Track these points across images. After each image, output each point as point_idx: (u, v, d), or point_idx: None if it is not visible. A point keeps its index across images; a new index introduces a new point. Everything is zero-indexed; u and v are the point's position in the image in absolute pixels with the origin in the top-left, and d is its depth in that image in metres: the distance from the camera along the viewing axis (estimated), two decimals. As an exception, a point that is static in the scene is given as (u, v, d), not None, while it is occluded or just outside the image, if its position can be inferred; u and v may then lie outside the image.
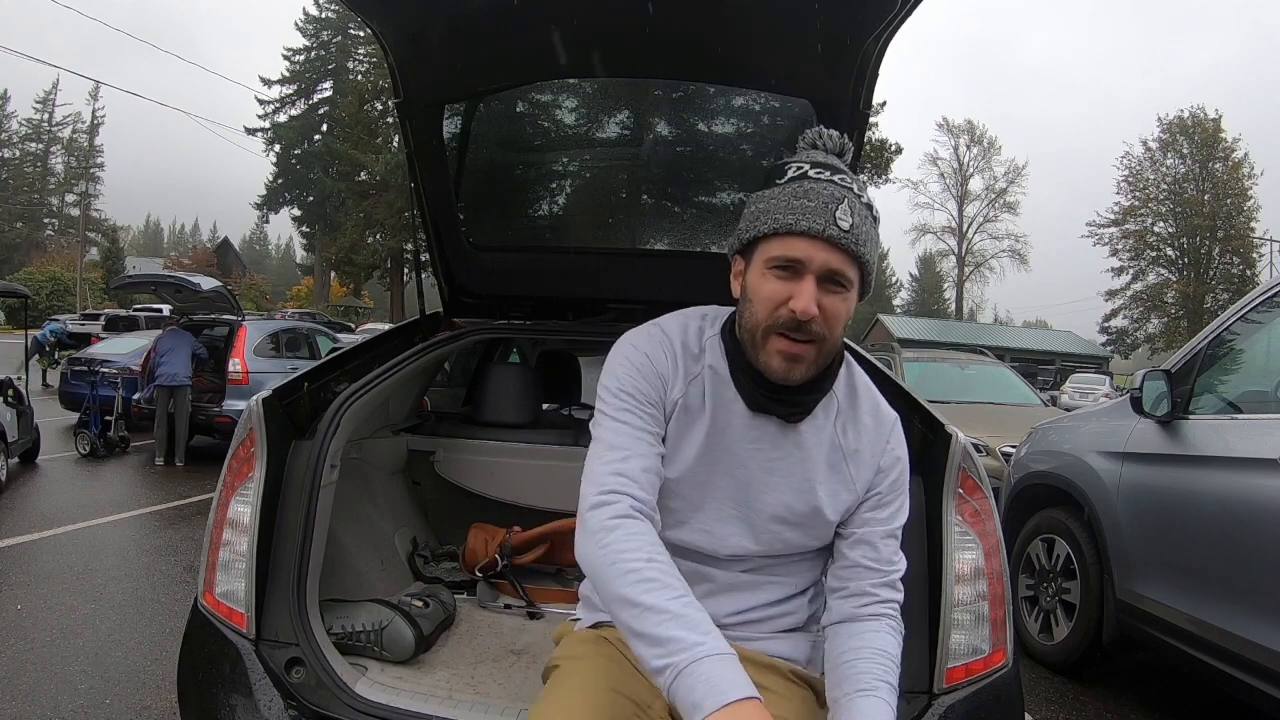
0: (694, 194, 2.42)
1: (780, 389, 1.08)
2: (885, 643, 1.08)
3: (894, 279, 65.10)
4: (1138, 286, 41.03)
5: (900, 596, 1.14)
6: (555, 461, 2.33)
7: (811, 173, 1.06)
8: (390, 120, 32.66)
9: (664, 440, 1.11)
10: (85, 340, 13.46)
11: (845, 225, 1.02)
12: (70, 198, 48.51)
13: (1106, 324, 42.32)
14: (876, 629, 1.09)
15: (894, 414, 1.20)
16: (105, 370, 8.00)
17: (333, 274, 43.00)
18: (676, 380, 1.13)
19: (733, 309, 1.16)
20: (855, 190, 1.06)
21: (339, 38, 42.51)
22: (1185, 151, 39.91)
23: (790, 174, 1.07)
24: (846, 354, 1.18)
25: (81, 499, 5.53)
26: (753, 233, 1.07)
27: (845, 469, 1.14)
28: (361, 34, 39.07)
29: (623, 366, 1.13)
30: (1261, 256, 38.29)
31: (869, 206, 1.07)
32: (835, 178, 1.05)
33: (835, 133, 1.11)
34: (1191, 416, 2.66)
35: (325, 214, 40.80)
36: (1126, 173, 41.44)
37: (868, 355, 1.94)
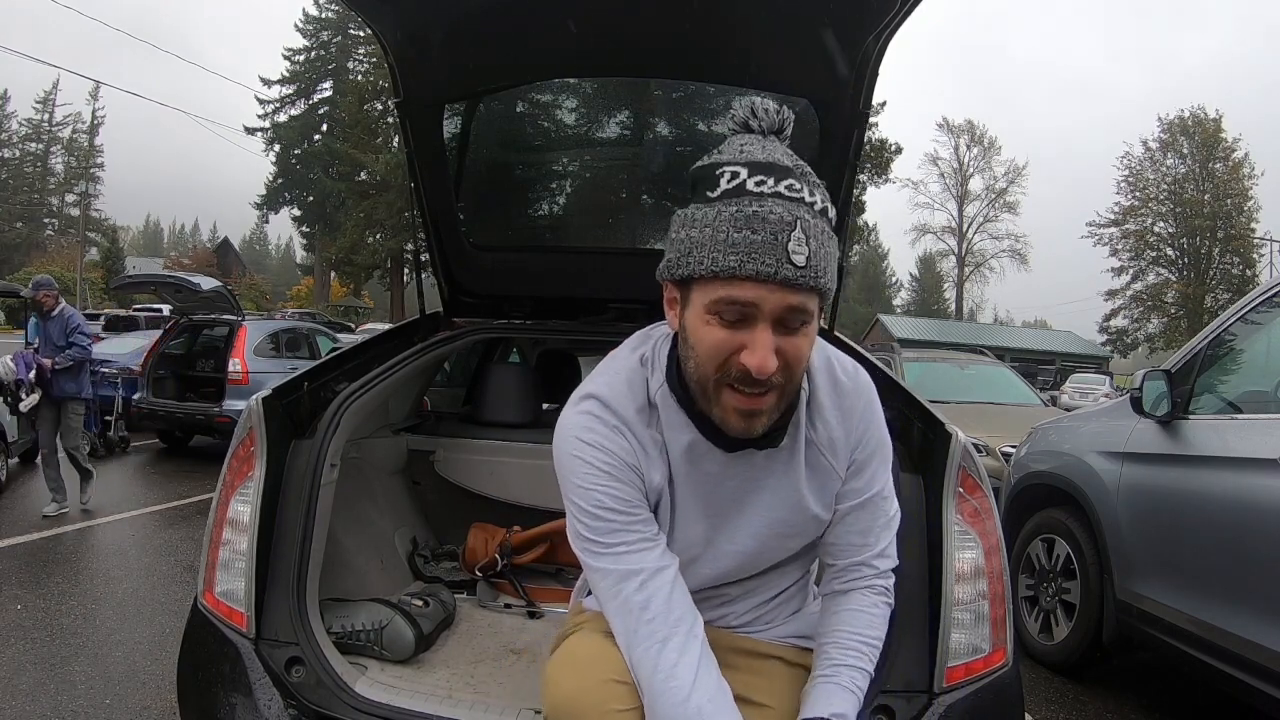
0: (694, 194, 2.42)
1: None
2: (860, 621, 1.09)
3: (894, 279, 65.15)
4: (1138, 286, 41.04)
5: (888, 562, 1.12)
6: (555, 461, 2.33)
7: (751, 183, 0.86)
8: (390, 120, 32.67)
9: (656, 514, 1.03)
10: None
11: (800, 260, 0.85)
12: (70, 198, 48.50)
13: (1106, 324, 42.33)
14: (856, 606, 1.10)
15: (850, 372, 1.08)
16: (105, 370, 7.98)
17: (333, 274, 43.00)
18: (652, 464, 1.01)
19: (670, 333, 1.02)
20: (807, 198, 0.87)
21: (339, 38, 42.48)
22: (1185, 151, 39.89)
23: (724, 185, 0.87)
24: None
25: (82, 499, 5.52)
26: (685, 271, 0.89)
27: (824, 461, 1.07)
28: (361, 34, 39.07)
29: (589, 477, 0.98)
30: (1261, 257, 38.33)
31: (824, 214, 0.89)
32: (782, 185, 0.86)
33: (770, 104, 0.92)
34: (1191, 416, 2.66)
35: (325, 214, 40.77)
36: (1126, 173, 41.48)
37: (868, 355, 1.94)
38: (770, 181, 0.86)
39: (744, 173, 0.87)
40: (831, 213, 0.91)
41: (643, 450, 1.01)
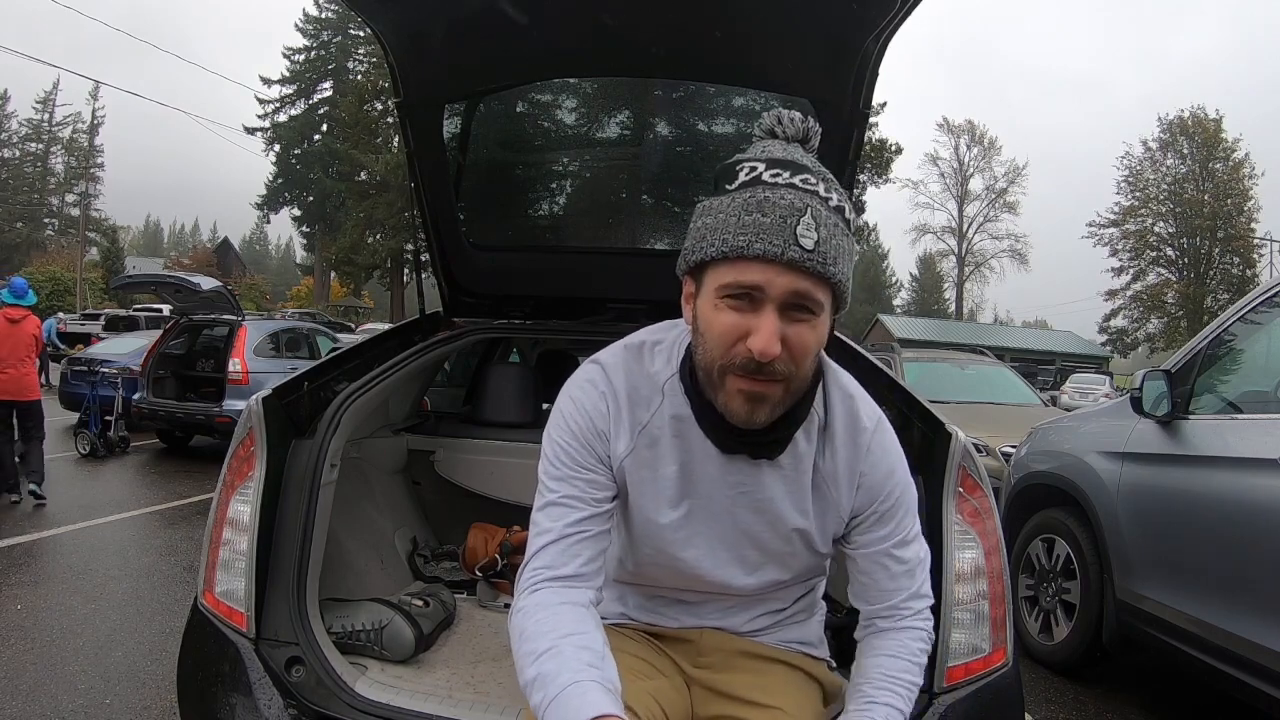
0: (694, 194, 2.42)
1: (747, 430, 0.96)
2: (896, 666, 1.04)
3: (894, 279, 65.10)
4: (1138, 286, 40.99)
5: (923, 602, 1.09)
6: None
7: (766, 175, 0.89)
8: (390, 120, 32.67)
9: (615, 497, 1.05)
10: (82, 340, 13.49)
11: (809, 243, 0.86)
12: (70, 198, 48.42)
13: (1106, 324, 42.31)
14: (891, 651, 1.06)
15: (874, 419, 1.07)
16: (105, 370, 7.99)
17: (333, 274, 42.99)
18: (620, 434, 1.03)
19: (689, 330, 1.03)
20: (821, 192, 0.89)
21: (339, 38, 42.48)
22: (1185, 151, 39.87)
23: (742, 177, 0.91)
24: (824, 363, 1.05)
25: (81, 499, 5.52)
26: (699, 255, 0.92)
27: (827, 491, 1.05)
28: (361, 34, 39.08)
29: (559, 429, 1.05)
30: (1261, 257, 38.32)
31: (840, 210, 0.91)
32: (796, 178, 0.89)
33: (796, 115, 0.96)
34: (1191, 416, 2.66)
35: (325, 214, 40.80)
36: (1126, 173, 41.45)
37: (868, 355, 1.94)
38: (786, 174, 0.89)
39: (761, 166, 0.90)
40: (849, 212, 0.92)
41: (618, 420, 1.04)
